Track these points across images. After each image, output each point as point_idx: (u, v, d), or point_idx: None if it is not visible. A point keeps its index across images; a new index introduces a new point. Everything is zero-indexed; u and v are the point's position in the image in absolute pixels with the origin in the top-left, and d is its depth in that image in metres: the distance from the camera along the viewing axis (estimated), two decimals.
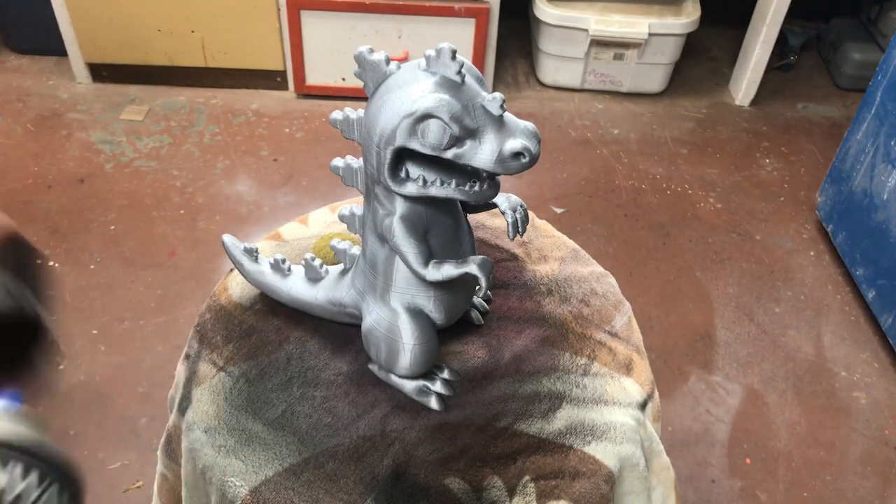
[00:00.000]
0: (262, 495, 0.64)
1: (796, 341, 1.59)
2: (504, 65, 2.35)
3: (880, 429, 1.43)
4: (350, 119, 0.62)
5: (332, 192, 1.86)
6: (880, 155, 1.56)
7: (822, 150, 2.13)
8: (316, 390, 0.73)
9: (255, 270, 0.78)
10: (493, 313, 0.81)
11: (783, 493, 1.32)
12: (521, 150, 0.55)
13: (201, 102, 2.12)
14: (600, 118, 2.19)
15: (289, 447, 0.68)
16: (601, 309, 0.83)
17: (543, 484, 0.67)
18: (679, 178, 1.99)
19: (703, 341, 1.57)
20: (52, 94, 2.11)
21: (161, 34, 2.04)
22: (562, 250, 0.90)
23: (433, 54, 0.55)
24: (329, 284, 0.74)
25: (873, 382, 1.51)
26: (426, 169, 0.59)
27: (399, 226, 0.62)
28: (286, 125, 2.06)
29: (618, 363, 0.78)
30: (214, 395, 0.72)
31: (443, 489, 0.66)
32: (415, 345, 0.67)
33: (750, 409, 1.44)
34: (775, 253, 1.79)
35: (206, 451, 0.68)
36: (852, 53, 2.33)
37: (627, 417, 0.73)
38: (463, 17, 1.99)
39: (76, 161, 1.89)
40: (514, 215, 0.69)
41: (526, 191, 1.91)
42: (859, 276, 1.65)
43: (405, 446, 0.69)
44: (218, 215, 1.77)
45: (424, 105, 0.54)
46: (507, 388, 0.74)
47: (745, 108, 2.28)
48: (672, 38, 2.14)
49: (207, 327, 0.79)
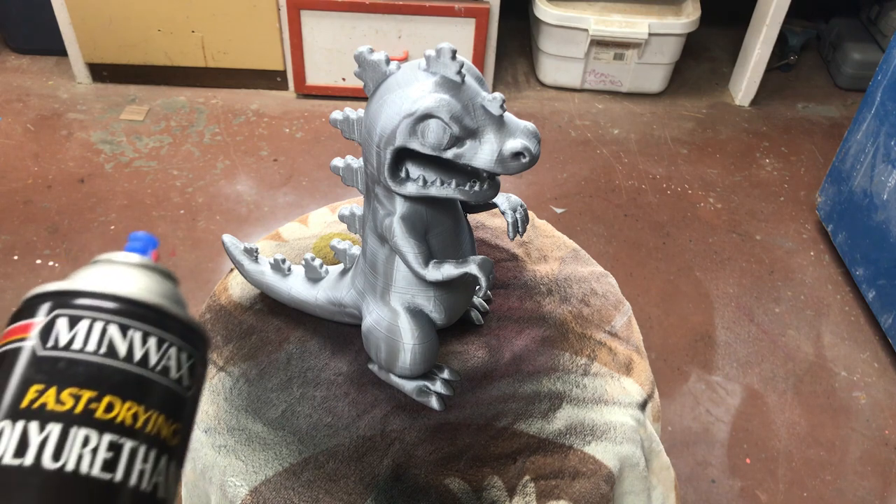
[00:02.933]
0: (262, 495, 0.64)
1: (796, 341, 1.59)
2: (504, 65, 2.35)
3: (880, 429, 1.43)
4: (350, 119, 0.62)
5: (332, 192, 1.86)
6: (880, 155, 1.56)
7: (822, 150, 2.13)
8: (316, 390, 0.73)
9: (255, 270, 0.78)
10: (493, 313, 0.81)
11: (783, 493, 1.32)
12: (521, 150, 0.55)
13: (201, 102, 2.12)
14: (600, 118, 2.19)
15: (289, 447, 0.68)
16: (601, 309, 0.83)
17: (543, 484, 0.67)
18: (679, 178, 1.99)
19: (703, 341, 1.57)
20: (52, 94, 2.11)
21: (161, 34, 2.04)
22: (562, 250, 0.90)
23: (433, 54, 0.55)
24: (329, 284, 0.74)
25: (873, 382, 1.51)
26: (426, 169, 0.59)
27: (399, 226, 0.62)
28: (286, 125, 2.06)
29: (618, 363, 0.78)
30: (214, 395, 0.72)
31: (443, 489, 0.66)
32: (415, 345, 0.67)
33: (750, 409, 1.44)
34: (775, 253, 1.79)
35: (206, 451, 0.68)
36: (852, 53, 2.33)
37: (627, 417, 0.73)
38: (463, 17, 1.99)
39: (76, 161, 1.89)
40: (514, 215, 0.69)
41: (526, 191, 1.91)
42: (859, 276, 1.65)
43: (405, 446, 0.69)
44: (218, 215, 1.77)
45: (424, 105, 0.54)
46: (507, 388, 0.74)
47: (745, 108, 2.28)
48: (672, 38, 2.14)
49: (207, 327, 0.79)
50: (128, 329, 0.33)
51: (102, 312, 0.33)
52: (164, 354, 0.34)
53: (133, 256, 0.37)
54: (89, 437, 0.30)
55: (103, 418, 0.31)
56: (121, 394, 0.32)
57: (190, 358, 0.35)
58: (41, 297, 0.33)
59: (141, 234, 0.38)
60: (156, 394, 0.33)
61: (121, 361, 0.32)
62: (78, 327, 0.32)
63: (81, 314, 0.32)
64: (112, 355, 0.32)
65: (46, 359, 0.31)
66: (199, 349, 0.37)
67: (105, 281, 0.35)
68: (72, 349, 0.31)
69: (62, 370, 0.31)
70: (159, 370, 0.33)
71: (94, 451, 0.30)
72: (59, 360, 0.31)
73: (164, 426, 0.33)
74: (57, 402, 0.30)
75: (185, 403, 0.35)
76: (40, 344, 0.31)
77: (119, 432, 0.31)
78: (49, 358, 0.31)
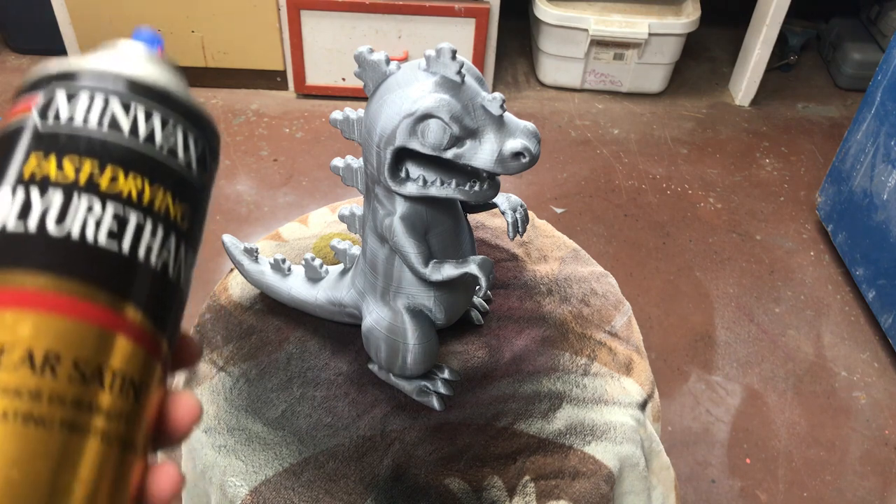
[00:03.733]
0: (262, 495, 0.64)
1: (796, 341, 1.59)
2: (504, 65, 2.35)
3: (880, 429, 1.43)
4: (350, 119, 0.62)
5: (332, 192, 1.86)
6: (880, 155, 1.56)
7: (822, 150, 2.13)
8: (316, 390, 0.73)
9: (255, 270, 0.78)
10: (493, 313, 0.81)
11: (783, 493, 1.32)
12: (521, 150, 0.55)
13: (201, 102, 2.12)
14: (600, 118, 2.19)
15: (289, 447, 0.68)
16: (601, 309, 0.83)
17: (543, 484, 0.67)
18: (679, 178, 1.99)
19: (703, 341, 1.57)
20: None
21: (161, 34, 2.04)
22: (562, 250, 0.90)
23: (433, 54, 0.55)
24: (329, 284, 0.74)
25: (873, 382, 1.51)
26: (426, 169, 0.59)
27: (399, 226, 0.62)
28: (286, 125, 2.06)
29: (618, 363, 0.78)
30: (214, 395, 0.72)
31: (443, 489, 0.66)
32: (415, 345, 0.67)
33: (750, 409, 1.44)
34: (775, 253, 1.79)
35: (206, 451, 0.68)
36: (852, 53, 2.33)
37: (627, 417, 0.73)
38: (463, 17, 1.99)
39: None
40: (514, 215, 0.69)
41: (526, 191, 1.91)
42: (859, 276, 1.65)
43: (405, 446, 0.69)
44: (218, 215, 1.77)
45: (424, 105, 0.54)
46: (507, 388, 0.74)
47: (745, 108, 2.28)
48: (672, 38, 2.14)
49: (207, 327, 0.79)
50: (130, 104, 0.32)
51: (104, 89, 0.32)
52: (171, 136, 0.33)
53: (137, 45, 0.35)
54: (92, 206, 0.30)
55: (107, 189, 0.30)
56: (124, 166, 0.31)
57: (198, 144, 0.35)
58: (43, 76, 0.33)
59: (145, 31, 0.37)
60: (162, 171, 0.32)
61: (125, 136, 0.31)
62: (78, 101, 0.31)
63: (82, 89, 0.32)
64: (115, 128, 0.31)
65: (47, 132, 0.31)
66: (210, 139, 0.36)
67: (110, 62, 0.34)
68: (73, 123, 0.31)
69: (64, 142, 0.30)
70: (166, 151, 0.32)
71: (99, 221, 0.30)
72: (60, 133, 0.31)
73: (172, 206, 0.32)
74: (58, 171, 0.30)
75: (195, 189, 0.34)
76: (40, 119, 0.31)
77: (124, 203, 0.30)
78: (50, 131, 0.31)
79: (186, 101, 0.35)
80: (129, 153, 0.31)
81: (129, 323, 0.30)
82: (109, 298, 0.29)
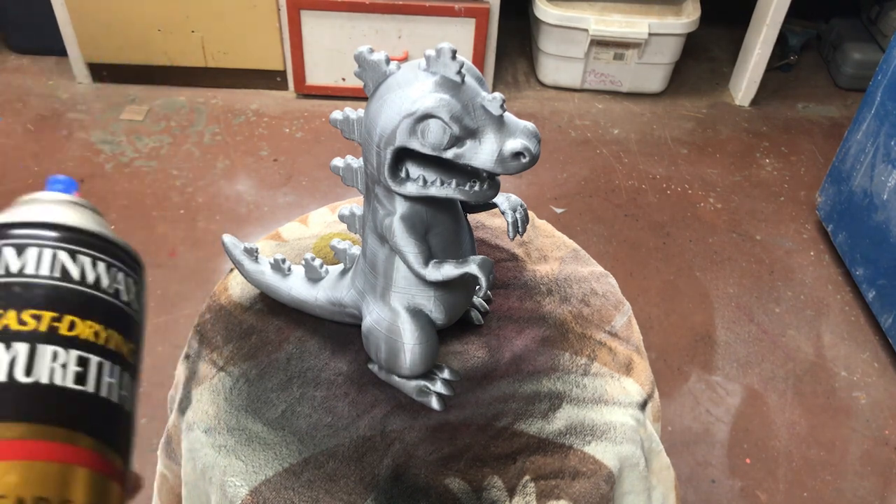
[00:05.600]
0: (262, 495, 0.64)
1: (796, 341, 1.59)
2: (504, 65, 2.35)
3: (880, 429, 1.43)
4: (350, 119, 0.62)
5: (332, 192, 1.86)
6: (880, 155, 1.56)
7: (822, 150, 2.13)
8: (316, 390, 0.73)
9: (255, 270, 0.78)
10: (493, 313, 0.81)
11: (783, 493, 1.32)
12: (521, 150, 0.55)
13: (201, 102, 2.12)
14: (600, 118, 2.19)
15: (289, 447, 0.68)
16: (601, 309, 0.83)
17: (543, 484, 0.67)
18: (679, 178, 1.99)
19: (703, 341, 1.57)
20: (52, 94, 2.11)
21: (161, 34, 2.04)
22: (562, 250, 0.90)
23: (433, 54, 0.55)
24: (329, 284, 0.74)
25: (873, 382, 1.51)
26: (426, 169, 0.59)
27: (399, 226, 0.62)
28: (286, 125, 2.06)
29: (618, 363, 0.78)
30: (214, 395, 0.72)
31: (443, 489, 0.66)
32: (415, 345, 0.67)
33: (750, 409, 1.44)
34: (775, 253, 1.79)
35: (206, 451, 0.68)
36: (852, 53, 2.33)
37: (627, 417, 0.73)
38: (463, 17, 1.99)
39: (76, 161, 1.89)
40: (514, 215, 0.69)
41: (526, 191, 1.91)
42: (859, 276, 1.65)
43: (405, 446, 0.69)
44: (218, 215, 1.77)
45: (424, 105, 0.54)
46: (507, 388, 0.74)
47: (745, 108, 2.28)
48: (672, 38, 2.14)
49: (207, 327, 0.79)
50: (76, 254, 0.34)
51: (49, 240, 0.34)
52: (114, 278, 0.35)
53: (59, 195, 0.38)
54: (57, 353, 0.31)
55: (68, 335, 0.32)
56: (80, 313, 0.33)
57: (134, 282, 0.37)
58: None
59: (61, 177, 0.40)
60: (112, 313, 0.34)
61: (76, 284, 0.33)
62: (27, 255, 0.33)
63: (27, 242, 0.33)
64: (66, 278, 0.33)
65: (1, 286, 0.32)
66: (139, 274, 0.39)
67: (42, 213, 0.36)
68: (24, 274, 0.32)
69: (19, 294, 0.32)
70: (112, 292, 0.35)
71: (65, 365, 0.31)
72: (13, 284, 0.32)
73: (122, 344, 0.34)
74: (19, 324, 0.31)
75: (137, 324, 0.37)
76: None
77: (84, 348, 0.32)
78: (3, 284, 0.32)
79: (120, 245, 0.38)
80: (83, 299, 0.33)
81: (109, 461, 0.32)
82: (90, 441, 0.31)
